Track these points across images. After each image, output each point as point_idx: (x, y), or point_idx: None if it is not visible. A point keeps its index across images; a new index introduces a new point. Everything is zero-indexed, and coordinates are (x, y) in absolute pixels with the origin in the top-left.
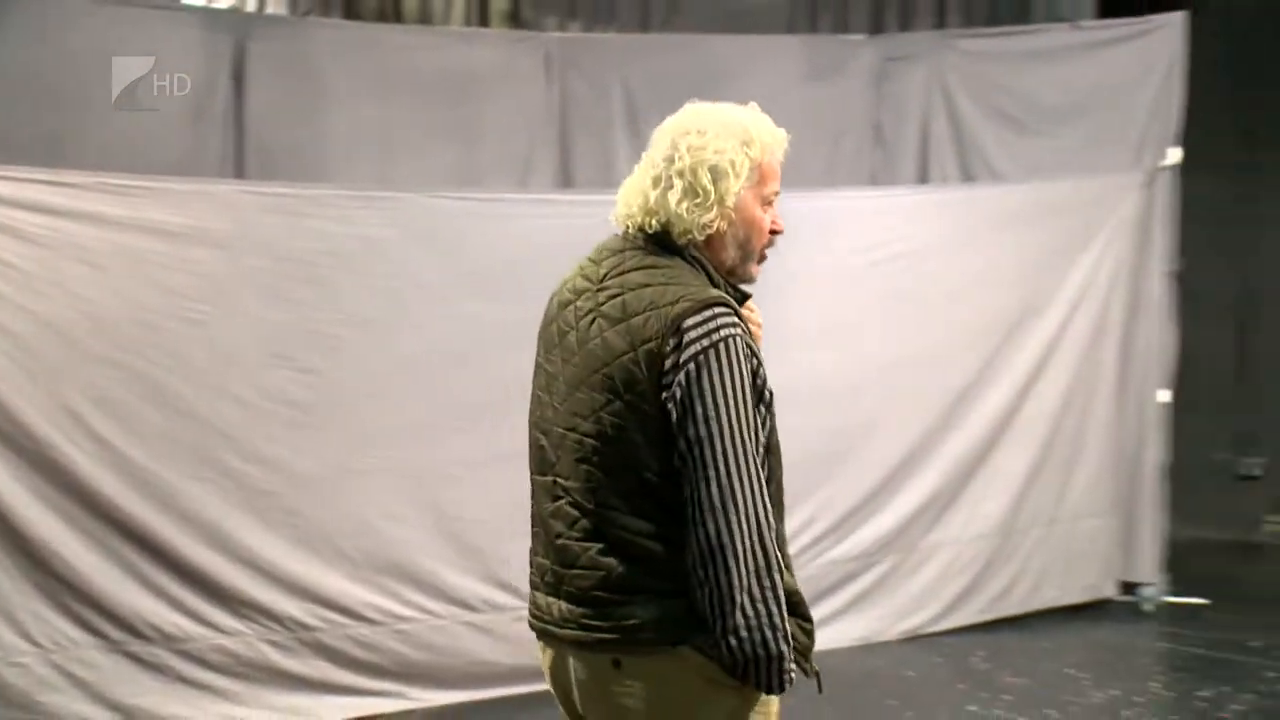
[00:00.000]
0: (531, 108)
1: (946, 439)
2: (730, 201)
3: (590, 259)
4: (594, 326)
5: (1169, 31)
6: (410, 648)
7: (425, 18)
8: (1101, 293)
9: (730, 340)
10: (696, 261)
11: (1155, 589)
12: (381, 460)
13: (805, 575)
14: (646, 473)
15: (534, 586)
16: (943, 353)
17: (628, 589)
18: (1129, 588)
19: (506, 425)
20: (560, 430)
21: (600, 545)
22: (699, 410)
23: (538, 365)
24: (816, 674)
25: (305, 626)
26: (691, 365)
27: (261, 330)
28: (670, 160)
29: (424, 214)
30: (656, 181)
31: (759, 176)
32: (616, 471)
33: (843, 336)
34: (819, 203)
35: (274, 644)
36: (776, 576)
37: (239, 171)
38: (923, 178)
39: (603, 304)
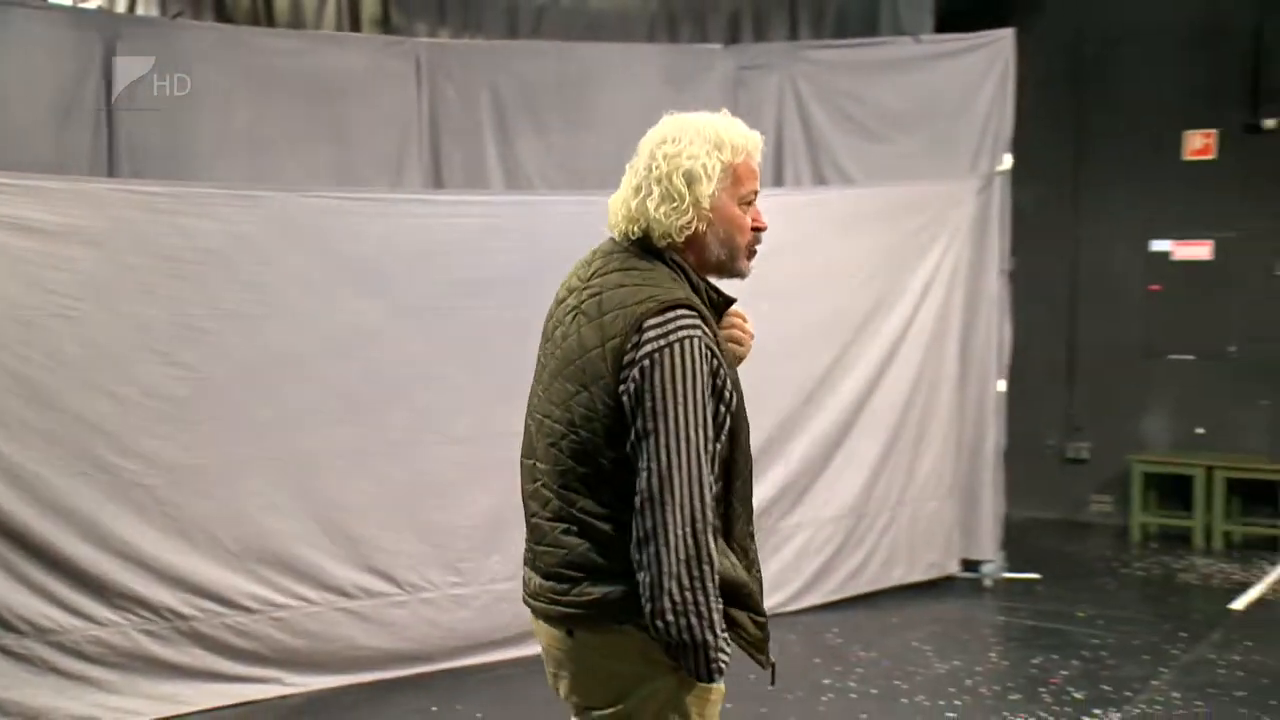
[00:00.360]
0: (402, 111)
1: (804, 427)
2: (705, 204)
3: (585, 260)
4: (575, 322)
5: (1000, 46)
6: (287, 634)
7: (297, 21)
8: (944, 290)
9: (687, 341)
10: (677, 265)
11: (994, 565)
12: (257, 451)
13: None
14: (604, 460)
15: (526, 556)
16: (799, 346)
17: (584, 567)
18: (970, 565)
19: (379, 417)
20: (540, 417)
21: (564, 526)
22: (648, 404)
23: (539, 353)
24: (772, 665)
25: (182, 616)
26: (646, 362)
27: (136, 326)
28: (649, 169)
29: (293, 211)
30: (637, 190)
31: (733, 178)
32: (580, 457)
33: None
34: None
35: (150, 634)
36: (707, 568)
37: (111, 170)
38: (778, 180)
39: (584, 302)
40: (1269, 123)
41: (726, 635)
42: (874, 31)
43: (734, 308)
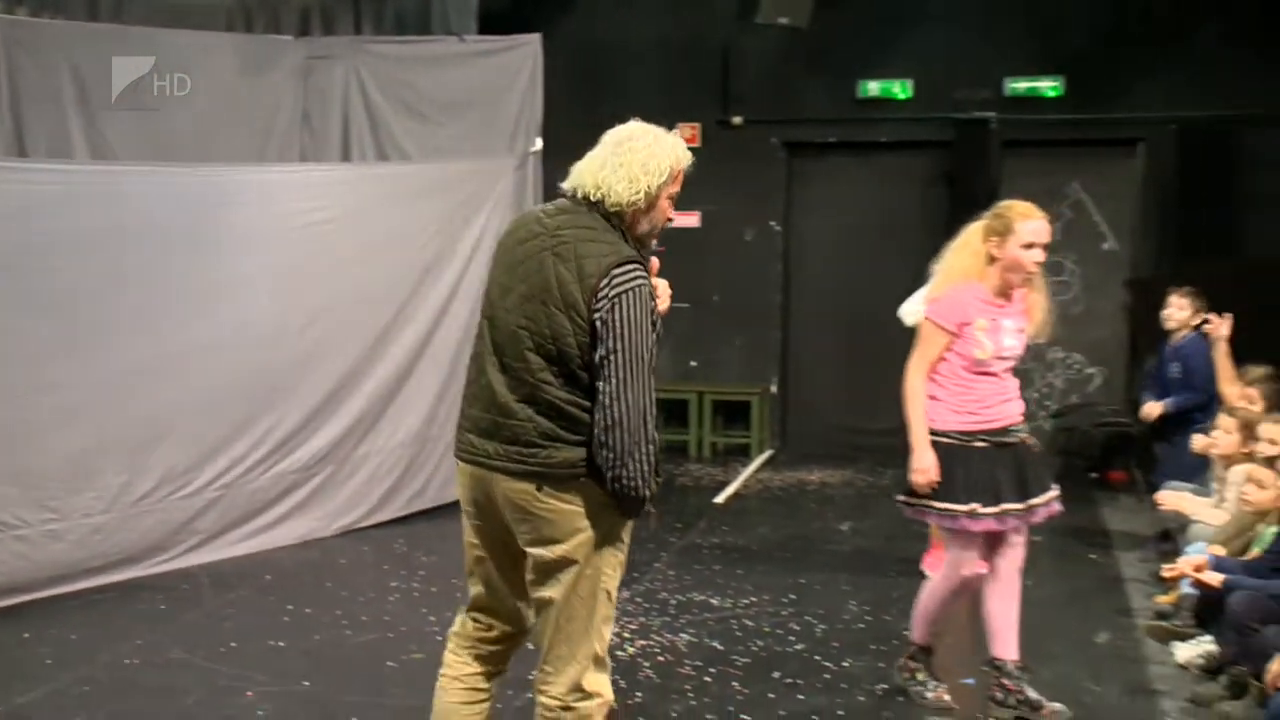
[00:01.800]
0: None
1: (372, 369)
2: (653, 191)
3: (545, 212)
4: (548, 260)
5: (531, 47)
6: None
7: None
8: (488, 251)
9: (641, 287)
10: (617, 227)
11: None
12: None
13: (254, 488)
14: (574, 364)
15: (466, 431)
16: (365, 299)
17: (553, 438)
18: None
19: None
20: (513, 327)
21: (537, 407)
22: (616, 330)
23: (493, 277)
24: (653, 509)
25: None
26: (615, 299)
27: None
28: (619, 153)
29: None
30: (603, 165)
31: (672, 179)
32: (554, 360)
33: (282, 286)
34: (257, 176)
35: None
36: (652, 446)
37: None
38: (346, 156)
39: (556, 246)
40: (736, 119)
41: (652, 481)
42: (427, 30)
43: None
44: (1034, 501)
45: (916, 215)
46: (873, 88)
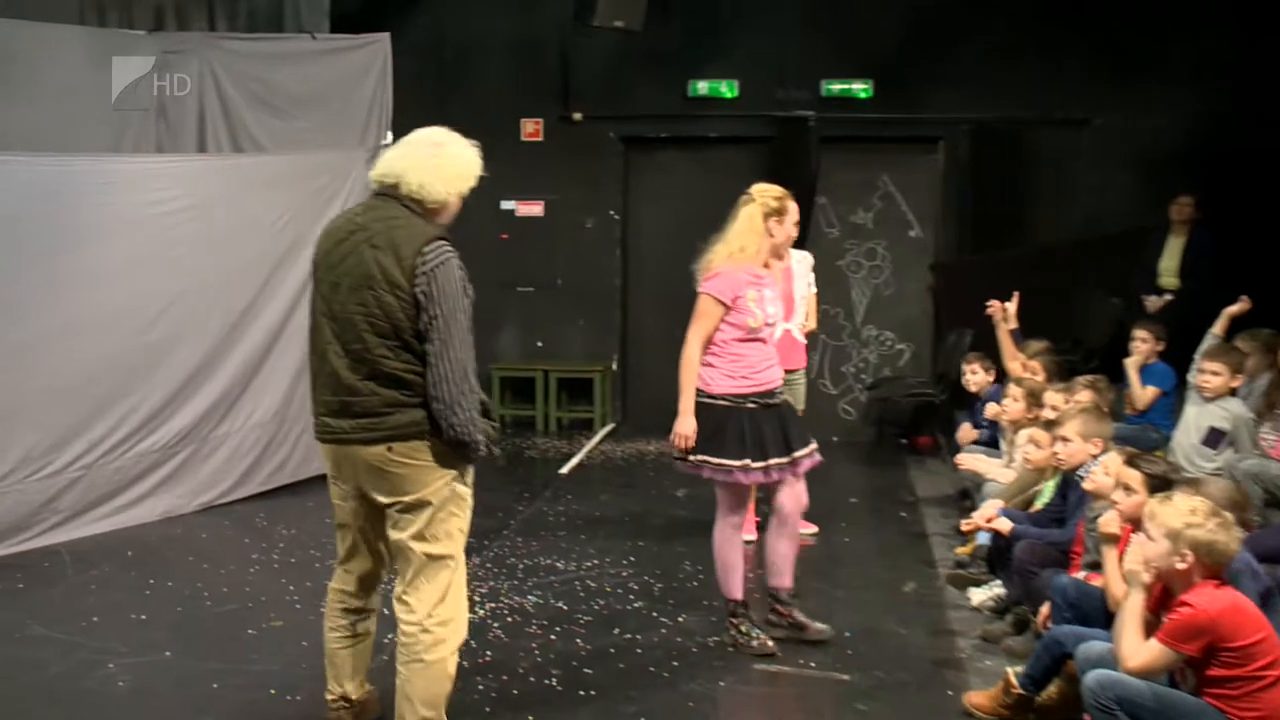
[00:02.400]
0: None
1: (230, 352)
2: (454, 192)
3: (356, 213)
4: (366, 252)
5: (379, 46)
6: None
7: None
8: None
9: (452, 259)
10: (420, 215)
11: None
12: None
13: (115, 467)
14: (406, 335)
15: (321, 415)
16: (224, 284)
17: (394, 404)
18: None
19: None
20: (349, 315)
21: (378, 381)
22: (435, 299)
23: (320, 278)
24: (498, 452)
25: None
26: (431, 272)
27: None
28: (439, 156)
29: None
30: (424, 165)
31: (473, 180)
32: (388, 335)
33: (141, 272)
34: (113, 166)
35: None
36: (473, 398)
37: None
38: (201, 148)
39: (371, 239)
40: (576, 116)
41: (481, 434)
42: (279, 28)
43: None
44: (798, 454)
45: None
46: (702, 87)
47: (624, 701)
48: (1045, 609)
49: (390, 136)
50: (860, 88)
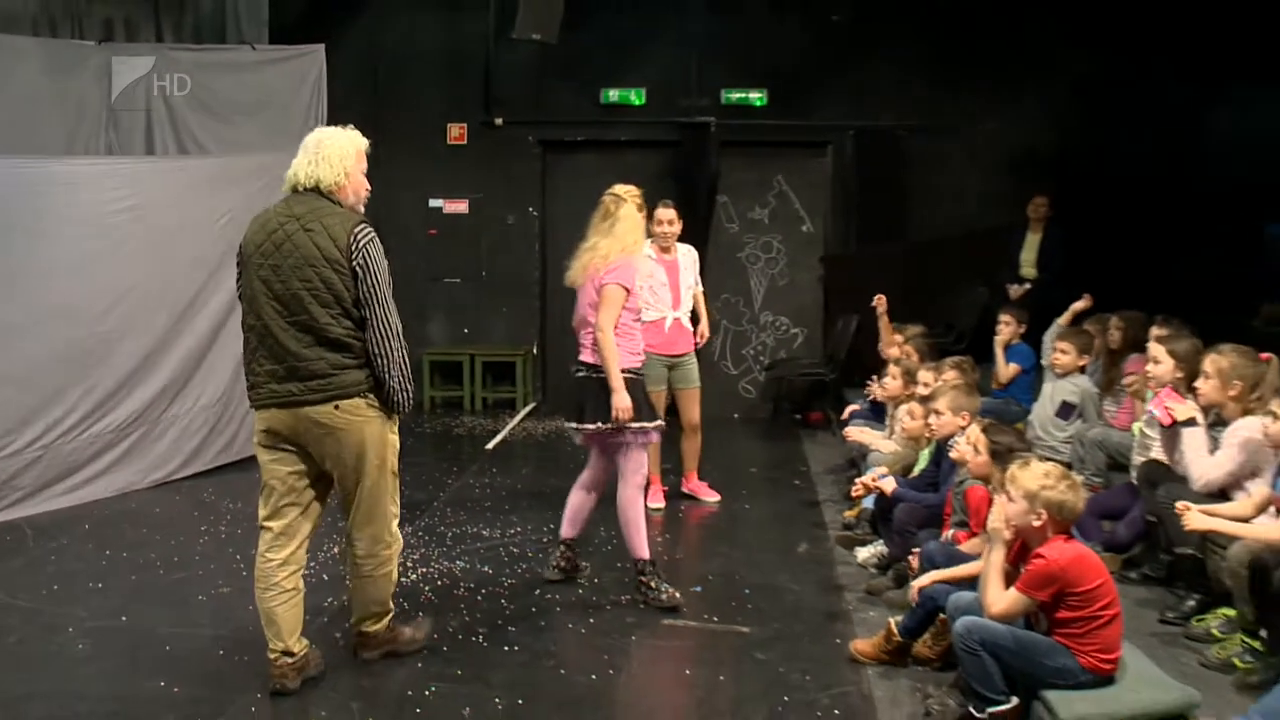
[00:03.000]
0: None
1: (177, 340)
2: (349, 169)
3: (279, 208)
4: (301, 236)
5: (315, 56)
6: None
7: None
8: None
9: (374, 238)
10: (336, 202)
11: None
12: None
13: (72, 447)
14: (347, 304)
15: (264, 383)
16: (171, 278)
17: (339, 366)
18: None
19: None
20: (294, 291)
21: (324, 347)
22: (371, 273)
23: (255, 264)
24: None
25: None
26: (365, 248)
27: None
28: (320, 150)
29: None
30: (310, 162)
31: (357, 158)
32: (330, 304)
33: (94, 267)
34: (65, 168)
35: None
36: (405, 360)
37: None
38: (150, 151)
39: (304, 224)
40: (498, 120)
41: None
42: (222, 39)
43: None
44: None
45: (652, 203)
46: (613, 95)
47: (544, 656)
48: (914, 559)
49: None
50: (756, 96)
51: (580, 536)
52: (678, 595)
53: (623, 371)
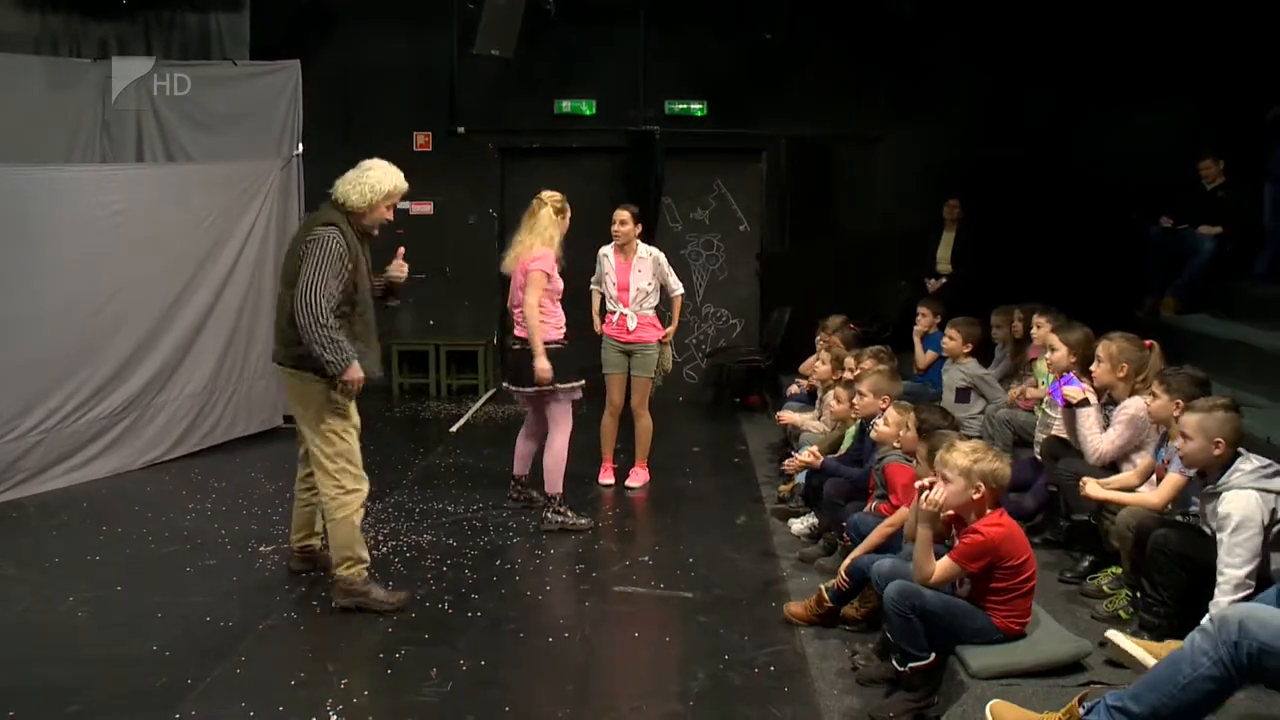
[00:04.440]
0: None
1: (166, 333)
2: (373, 200)
3: (316, 212)
4: (297, 235)
5: (291, 70)
6: None
7: None
8: (262, 232)
9: (329, 238)
10: (348, 219)
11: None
12: None
13: (70, 431)
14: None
15: (274, 346)
16: (158, 276)
17: (293, 341)
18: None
19: None
20: (284, 276)
21: (288, 320)
22: (310, 254)
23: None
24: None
25: None
26: (315, 238)
27: None
28: (361, 174)
29: None
30: (348, 181)
31: (387, 197)
32: (291, 284)
33: (91, 265)
34: (65, 174)
35: None
36: (323, 326)
37: None
38: (140, 158)
39: (301, 226)
40: (460, 129)
41: (338, 360)
42: (207, 55)
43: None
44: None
45: (601, 205)
46: (566, 106)
47: (505, 621)
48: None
49: (301, 148)
50: (697, 107)
51: (529, 477)
52: (584, 520)
53: (546, 343)
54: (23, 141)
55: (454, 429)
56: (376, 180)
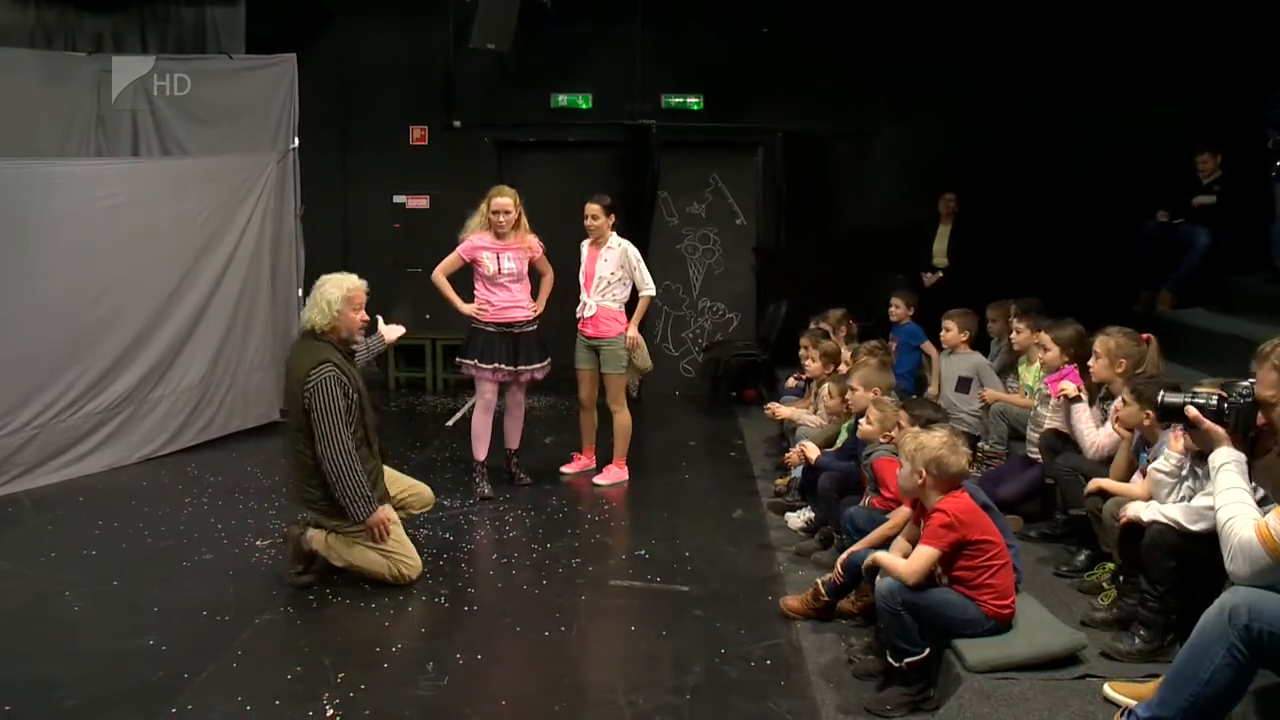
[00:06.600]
0: None
1: (162, 327)
2: (334, 312)
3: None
4: (290, 374)
5: (288, 65)
6: None
7: None
8: (258, 226)
9: (328, 378)
10: (329, 342)
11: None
12: None
13: (66, 426)
14: (302, 431)
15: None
16: (154, 270)
17: (308, 482)
18: (284, 413)
19: None
20: (292, 420)
21: (295, 459)
22: (316, 408)
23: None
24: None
25: None
26: (313, 389)
27: None
28: (315, 295)
29: None
30: (307, 309)
31: (348, 302)
32: (300, 429)
33: (87, 259)
34: (60, 168)
35: None
36: (350, 469)
37: None
38: (136, 153)
39: (289, 363)
40: (456, 123)
41: (363, 504)
42: (202, 49)
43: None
44: (520, 367)
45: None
46: (562, 99)
47: (501, 614)
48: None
49: (297, 141)
50: (693, 101)
51: (515, 448)
52: (488, 488)
53: (477, 324)
54: (17, 136)
55: (450, 423)
56: (329, 293)
